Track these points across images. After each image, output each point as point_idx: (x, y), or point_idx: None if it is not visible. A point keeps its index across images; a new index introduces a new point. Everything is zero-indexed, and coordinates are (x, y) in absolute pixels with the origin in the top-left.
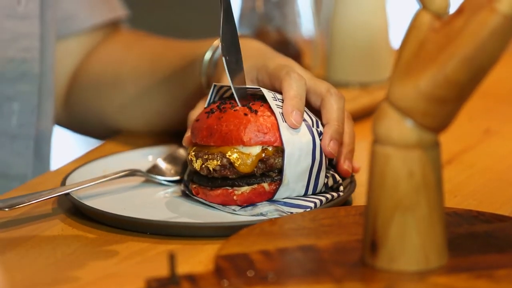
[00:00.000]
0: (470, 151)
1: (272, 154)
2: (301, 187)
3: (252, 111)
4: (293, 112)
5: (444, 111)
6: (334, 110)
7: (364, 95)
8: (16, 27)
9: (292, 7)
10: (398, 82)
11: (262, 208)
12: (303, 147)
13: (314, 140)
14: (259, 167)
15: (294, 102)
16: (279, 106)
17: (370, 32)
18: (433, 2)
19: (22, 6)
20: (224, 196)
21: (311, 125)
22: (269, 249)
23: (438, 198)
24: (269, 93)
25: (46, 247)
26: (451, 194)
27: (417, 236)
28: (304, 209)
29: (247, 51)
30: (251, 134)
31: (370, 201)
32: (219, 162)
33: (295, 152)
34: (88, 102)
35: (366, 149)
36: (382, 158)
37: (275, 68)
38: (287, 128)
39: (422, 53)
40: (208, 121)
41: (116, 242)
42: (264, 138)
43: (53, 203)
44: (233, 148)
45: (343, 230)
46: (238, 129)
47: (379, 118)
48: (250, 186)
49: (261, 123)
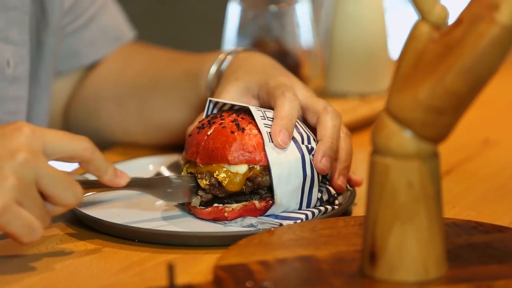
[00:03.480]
0: (469, 161)
1: (260, 173)
2: (295, 204)
3: (239, 128)
4: (281, 132)
5: (443, 121)
6: (328, 127)
7: (363, 105)
8: (3, 90)
9: (291, 18)
10: (397, 93)
11: (251, 219)
12: (292, 165)
13: (303, 156)
14: (248, 185)
15: (283, 122)
16: (267, 125)
17: (369, 42)
18: (432, 12)
19: (11, 69)
20: (215, 213)
21: (301, 142)
22: (268, 259)
23: (437, 208)
24: (258, 111)
25: (45, 257)
26: (450, 204)
27: (416, 246)
28: (294, 221)
29: (252, 66)
30: (235, 153)
31: (369, 212)
32: (207, 181)
33: (284, 171)
34: (88, 118)
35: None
36: (381, 169)
37: (274, 87)
38: (273, 148)
39: (421, 64)
40: (198, 136)
41: (115, 252)
42: (249, 157)
43: None
44: (220, 167)
45: (342, 240)
46: (224, 147)
47: (378, 129)
48: (241, 203)
49: (246, 142)
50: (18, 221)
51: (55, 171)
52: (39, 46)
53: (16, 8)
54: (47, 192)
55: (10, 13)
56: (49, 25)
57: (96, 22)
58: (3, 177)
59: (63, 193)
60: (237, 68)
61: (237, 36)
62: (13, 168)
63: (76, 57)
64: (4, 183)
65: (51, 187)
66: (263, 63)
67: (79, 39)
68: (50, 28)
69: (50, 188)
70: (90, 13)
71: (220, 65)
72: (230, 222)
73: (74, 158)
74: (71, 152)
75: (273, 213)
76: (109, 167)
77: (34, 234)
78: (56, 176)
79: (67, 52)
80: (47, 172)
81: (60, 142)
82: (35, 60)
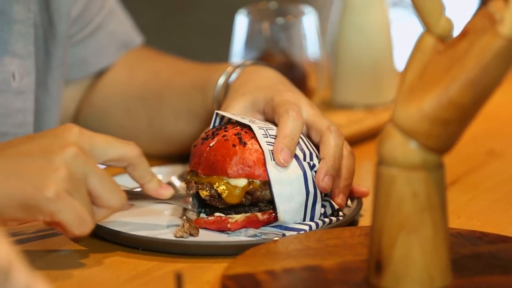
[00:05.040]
0: (474, 172)
1: (259, 187)
2: (299, 219)
3: (241, 142)
4: (282, 150)
5: (448, 132)
6: (331, 146)
7: (369, 116)
8: (10, 102)
9: (298, 30)
10: (403, 104)
11: (255, 230)
12: (294, 182)
13: (305, 174)
14: (247, 198)
15: (285, 141)
16: (269, 143)
17: (374, 54)
18: (437, 25)
19: (17, 81)
20: (218, 223)
21: (303, 159)
22: (275, 269)
23: (442, 218)
24: (260, 129)
25: (55, 266)
26: (455, 215)
27: (421, 256)
28: (297, 231)
29: (260, 81)
30: (235, 167)
31: (375, 222)
32: (208, 192)
33: (285, 189)
34: (98, 127)
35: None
36: (386, 179)
37: (279, 104)
38: (274, 166)
39: (426, 76)
40: (201, 147)
41: (124, 262)
42: (248, 172)
43: None
44: (220, 179)
45: (348, 250)
46: (224, 160)
47: (383, 140)
48: (243, 215)
49: (246, 156)
50: (70, 211)
51: (103, 172)
52: (47, 57)
53: (21, 21)
54: (94, 192)
55: (15, 26)
56: (56, 36)
57: (103, 29)
58: (54, 168)
59: (110, 195)
60: (245, 82)
61: (244, 48)
62: (64, 160)
63: (84, 65)
64: (56, 174)
65: (99, 187)
66: (271, 77)
67: (87, 47)
68: (58, 38)
69: (97, 188)
70: (97, 20)
71: (228, 78)
72: (234, 232)
73: (121, 161)
74: (119, 155)
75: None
76: (154, 176)
77: (85, 226)
78: (104, 177)
79: (75, 60)
80: (96, 171)
81: (108, 144)
82: (44, 71)
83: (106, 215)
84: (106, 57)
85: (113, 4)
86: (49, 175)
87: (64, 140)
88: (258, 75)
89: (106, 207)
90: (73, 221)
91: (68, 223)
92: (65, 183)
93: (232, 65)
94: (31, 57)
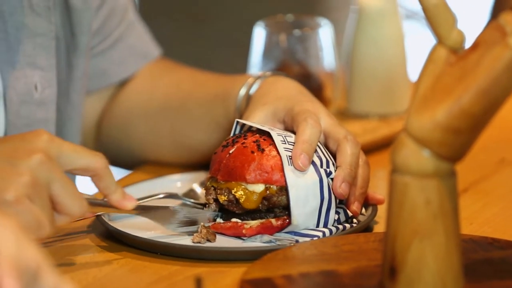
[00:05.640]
0: (485, 180)
1: (276, 193)
2: (312, 224)
3: (259, 149)
4: (301, 155)
5: (460, 141)
6: (348, 155)
7: (383, 126)
8: (32, 113)
9: (314, 42)
10: (416, 114)
11: (269, 236)
12: (310, 187)
13: (321, 180)
14: (264, 204)
15: (304, 147)
16: (287, 149)
17: (389, 65)
18: (449, 37)
19: (39, 92)
20: (235, 228)
21: (320, 165)
22: (292, 273)
23: (454, 225)
24: (279, 136)
25: (79, 271)
26: (467, 221)
27: (434, 261)
28: (311, 237)
29: (281, 91)
30: (253, 173)
31: (389, 228)
32: (226, 197)
33: (301, 194)
34: (120, 137)
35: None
36: (400, 187)
37: (298, 113)
38: (292, 171)
39: (439, 86)
40: (222, 154)
41: (146, 266)
42: (266, 177)
43: (86, 227)
44: (239, 185)
45: (363, 256)
46: (243, 166)
47: (397, 148)
48: (258, 221)
49: (264, 162)
50: (28, 214)
51: (67, 180)
52: (69, 68)
53: (43, 34)
54: (56, 198)
55: (37, 39)
56: (78, 47)
57: (123, 42)
58: (18, 173)
59: (71, 202)
60: (266, 92)
61: (262, 59)
62: (29, 167)
63: (105, 76)
64: (19, 178)
65: (61, 194)
66: (291, 88)
67: (107, 59)
68: (79, 50)
69: (60, 194)
70: (117, 33)
71: (249, 89)
72: (250, 238)
73: (87, 171)
74: (85, 164)
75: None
76: (118, 188)
77: (41, 231)
78: (67, 184)
79: (95, 71)
80: (60, 178)
81: (76, 153)
82: (66, 82)
83: (66, 221)
84: (126, 68)
85: (133, 18)
86: (12, 179)
87: (32, 145)
88: (279, 86)
89: (66, 214)
90: (29, 225)
91: (25, 226)
92: (26, 188)
93: (253, 76)
94: (53, 69)
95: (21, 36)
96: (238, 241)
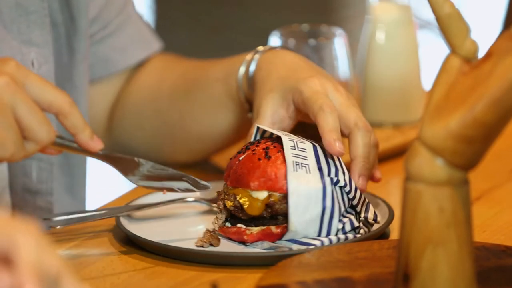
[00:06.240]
0: (498, 188)
1: (278, 200)
2: (313, 232)
3: (266, 156)
4: (335, 142)
5: (472, 150)
6: (360, 146)
7: (397, 134)
8: None
9: (329, 51)
10: (429, 123)
11: (269, 243)
12: (312, 195)
13: (324, 188)
14: (268, 211)
15: (333, 135)
16: (295, 155)
17: (403, 75)
18: (463, 47)
19: (36, 69)
20: (238, 233)
21: (327, 173)
22: (306, 280)
23: (467, 233)
24: (290, 141)
25: (97, 278)
26: (480, 229)
27: (447, 268)
28: (307, 246)
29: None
30: (257, 180)
31: (402, 235)
32: (232, 203)
33: (302, 201)
34: (131, 132)
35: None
36: (414, 195)
37: (310, 98)
38: (295, 177)
39: (452, 95)
40: (233, 161)
41: (163, 272)
42: (269, 185)
43: (104, 234)
44: (244, 191)
45: (377, 263)
46: (249, 173)
47: (411, 157)
48: (260, 227)
49: (268, 170)
50: None
51: (32, 104)
52: (71, 53)
53: (36, 11)
54: (22, 121)
55: (31, 16)
56: (78, 31)
57: (123, 31)
58: None
59: (38, 127)
60: (267, 73)
61: None
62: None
63: (107, 63)
64: None
65: (27, 117)
66: (293, 62)
67: (108, 46)
68: (80, 34)
69: (26, 118)
70: (117, 22)
71: (249, 66)
72: (252, 244)
73: (51, 106)
74: (50, 98)
75: (291, 238)
76: (87, 128)
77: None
78: (33, 108)
79: (98, 59)
80: (25, 101)
81: (42, 85)
82: (69, 66)
83: (34, 149)
84: (128, 56)
85: (133, 11)
86: None
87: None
88: (279, 63)
89: (34, 140)
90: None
91: None
92: None
93: (251, 52)
94: (49, 45)
95: (14, 15)
96: (240, 246)
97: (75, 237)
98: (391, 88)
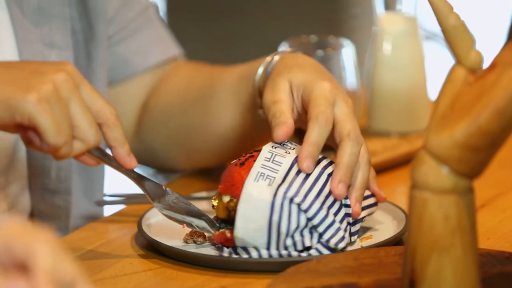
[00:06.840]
0: (502, 196)
1: (234, 206)
2: (262, 243)
3: (242, 163)
4: (306, 158)
5: (477, 158)
6: (347, 154)
7: (403, 143)
8: None
9: (337, 62)
10: (435, 132)
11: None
12: (260, 206)
13: (273, 202)
14: (231, 215)
15: (310, 149)
16: (266, 167)
17: (409, 85)
18: (468, 58)
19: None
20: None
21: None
22: (314, 286)
23: (472, 240)
24: (269, 153)
25: (108, 283)
26: (485, 236)
27: (452, 275)
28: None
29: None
30: (223, 184)
31: (409, 242)
32: (211, 204)
33: (249, 209)
34: (157, 131)
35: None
36: (419, 202)
37: (316, 99)
38: (254, 187)
39: (457, 105)
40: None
41: (173, 277)
42: (231, 190)
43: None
44: (219, 195)
45: (383, 269)
46: (223, 177)
47: (417, 165)
48: (220, 231)
49: (235, 175)
50: (48, 116)
51: (85, 105)
52: (89, 59)
53: (58, 15)
54: (74, 119)
55: (53, 20)
56: (95, 38)
57: (142, 33)
58: (42, 82)
59: (88, 127)
60: (284, 67)
61: None
62: (53, 80)
63: (127, 64)
64: (42, 85)
65: (79, 115)
66: (310, 63)
67: (127, 47)
68: (97, 40)
69: (78, 115)
70: (135, 25)
71: (268, 66)
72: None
73: (99, 115)
74: (100, 106)
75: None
76: (126, 144)
77: (61, 136)
78: (86, 108)
79: (117, 61)
80: (80, 100)
81: (93, 93)
82: (87, 72)
83: (81, 149)
84: (147, 56)
85: (153, 16)
86: (35, 84)
87: (58, 66)
88: (299, 60)
89: (82, 139)
90: (49, 127)
91: (45, 128)
92: (49, 95)
93: (272, 54)
94: (69, 49)
95: (37, 18)
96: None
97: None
98: (398, 98)
